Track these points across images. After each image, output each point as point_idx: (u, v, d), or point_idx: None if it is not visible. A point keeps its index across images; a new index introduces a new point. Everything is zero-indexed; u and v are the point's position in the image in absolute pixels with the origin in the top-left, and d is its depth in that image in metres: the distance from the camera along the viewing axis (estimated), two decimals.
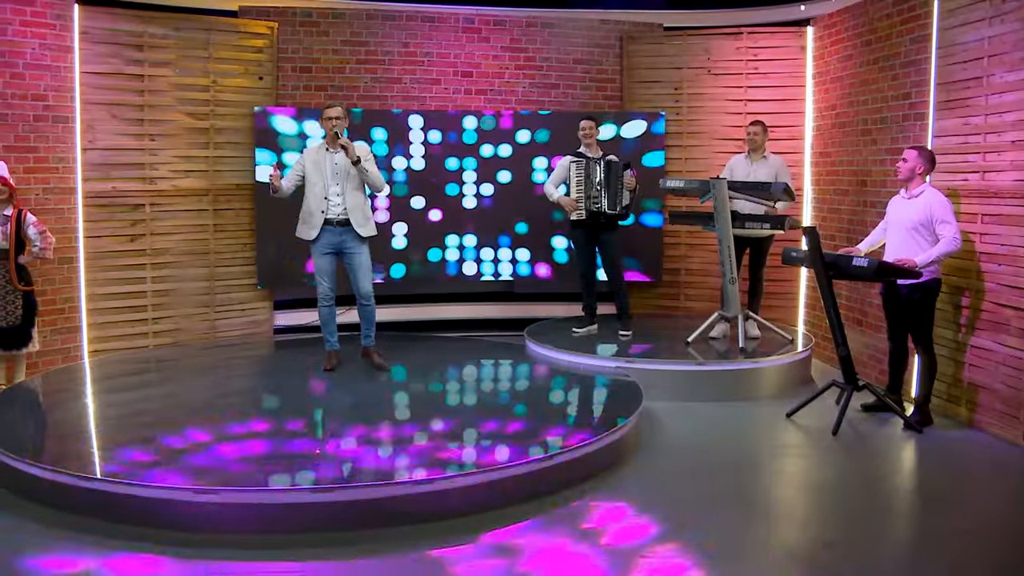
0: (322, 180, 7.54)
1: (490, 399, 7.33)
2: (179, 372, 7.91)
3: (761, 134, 8.78)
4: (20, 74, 8.11)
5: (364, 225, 7.61)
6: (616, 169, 8.58)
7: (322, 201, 7.52)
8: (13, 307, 7.60)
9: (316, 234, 7.54)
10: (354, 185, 7.55)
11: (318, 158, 7.58)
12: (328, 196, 7.52)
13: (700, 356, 8.17)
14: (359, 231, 7.57)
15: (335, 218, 7.53)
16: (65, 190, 8.49)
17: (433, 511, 5.17)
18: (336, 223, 7.53)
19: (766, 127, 8.85)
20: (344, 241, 7.57)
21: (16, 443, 5.81)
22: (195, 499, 5.00)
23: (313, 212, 7.55)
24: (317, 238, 7.56)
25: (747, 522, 5.25)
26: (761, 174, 8.65)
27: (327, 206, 7.52)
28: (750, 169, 8.75)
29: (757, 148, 8.78)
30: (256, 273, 9.59)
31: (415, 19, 10.07)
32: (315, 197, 7.54)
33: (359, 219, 7.56)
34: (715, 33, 10.22)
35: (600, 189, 8.60)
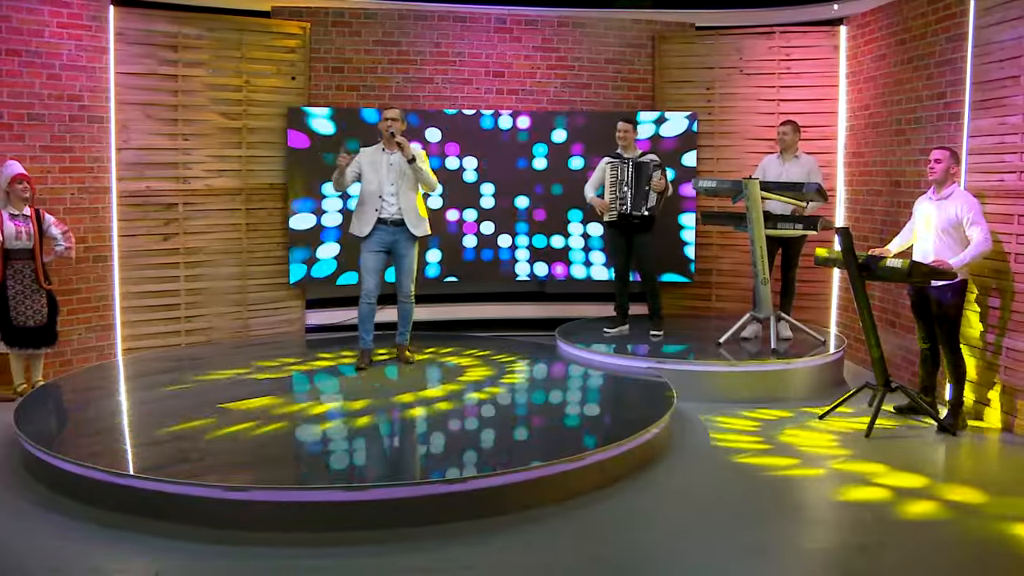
0: (377, 179, 7.71)
1: (520, 399, 7.32)
2: (211, 370, 7.95)
3: (792, 134, 8.74)
4: (57, 75, 8.19)
5: (418, 225, 7.80)
6: (645, 171, 8.54)
7: (377, 200, 7.69)
8: (40, 306, 7.71)
9: (368, 231, 7.70)
10: (409, 185, 7.72)
11: (375, 158, 7.75)
12: (383, 195, 7.69)
13: (732, 357, 8.14)
14: (413, 231, 7.74)
15: (389, 217, 7.71)
16: (100, 189, 8.56)
17: (462, 511, 5.17)
18: (390, 223, 7.71)
19: (797, 127, 8.81)
20: (397, 241, 7.75)
21: (51, 439, 5.88)
22: (226, 496, 5.03)
23: (367, 210, 7.73)
24: (369, 235, 7.71)
25: (779, 524, 5.23)
26: (793, 174, 8.61)
27: (381, 205, 7.69)
28: (782, 169, 8.71)
29: (788, 148, 8.74)
30: (288, 272, 9.62)
31: (447, 19, 10.08)
32: (370, 196, 7.71)
33: (413, 219, 7.74)
34: (747, 33, 10.17)
35: (627, 190, 8.58)
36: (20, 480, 5.79)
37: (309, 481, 5.25)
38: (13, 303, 7.61)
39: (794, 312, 8.99)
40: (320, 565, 4.65)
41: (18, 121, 8.00)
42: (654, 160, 8.60)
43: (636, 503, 5.52)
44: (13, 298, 7.61)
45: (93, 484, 5.33)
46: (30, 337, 7.71)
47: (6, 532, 5.07)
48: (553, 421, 6.60)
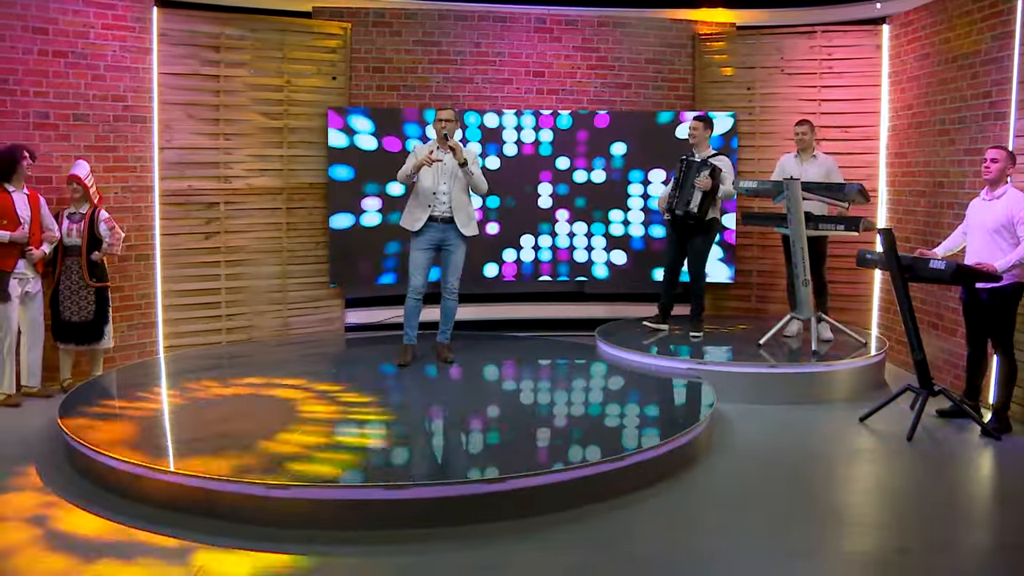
0: (432, 177, 7.77)
1: (559, 399, 7.31)
2: (252, 368, 8.00)
3: (810, 133, 8.72)
4: (101, 75, 8.28)
5: (467, 225, 7.87)
6: (693, 170, 8.51)
7: (430, 197, 7.77)
8: (86, 303, 7.81)
9: (420, 227, 7.78)
10: (460, 186, 7.81)
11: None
12: (436, 193, 7.75)
13: (772, 358, 8.09)
14: (463, 230, 7.80)
15: (440, 215, 7.78)
16: (143, 188, 8.65)
17: (502, 511, 5.17)
18: (440, 220, 7.78)
19: (814, 126, 8.77)
20: (446, 238, 7.83)
21: (94, 434, 5.94)
22: (268, 493, 5.06)
23: (419, 207, 7.82)
24: (420, 232, 7.79)
25: (820, 526, 5.19)
26: (812, 174, 8.56)
27: (434, 202, 7.77)
28: (800, 169, 8.65)
29: (806, 148, 8.70)
30: (328, 271, 9.67)
31: (487, 19, 10.09)
32: (423, 192, 7.80)
33: (463, 219, 7.82)
34: (788, 32, 10.11)
35: (676, 189, 8.56)
36: (64, 474, 5.86)
37: (350, 480, 5.26)
38: (62, 298, 7.74)
39: (835, 314, 8.92)
40: (359, 563, 4.67)
41: (64, 121, 8.09)
42: (707, 160, 8.52)
43: (676, 504, 5.50)
44: (62, 293, 7.74)
45: (135, 480, 5.39)
46: (76, 333, 7.82)
47: (47, 527, 5.12)
48: (593, 421, 6.59)
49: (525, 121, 9.90)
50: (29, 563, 4.64)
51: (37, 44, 7.91)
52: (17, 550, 4.78)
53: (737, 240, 10.14)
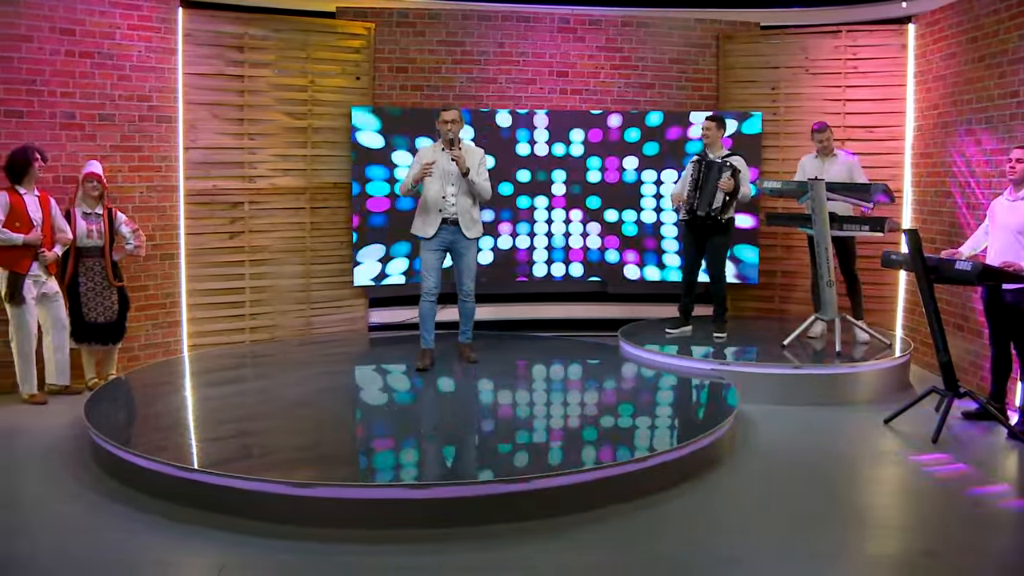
0: (439, 180, 7.64)
1: (583, 400, 7.30)
2: (275, 367, 8.03)
3: (831, 138, 8.71)
4: (127, 76, 8.33)
5: (471, 227, 7.76)
6: (715, 171, 8.49)
7: (440, 200, 7.66)
8: (110, 303, 7.87)
9: (433, 232, 7.68)
10: (465, 189, 7.68)
11: (435, 157, 7.64)
12: (445, 196, 7.65)
13: (796, 359, 8.06)
14: (466, 232, 7.70)
15: (450, 217, 7.67)
16: (168, 188, 8.69)
17: (525, 511, 5.17)
18: (451, 222, 7.68)
19: (830, 128, 8.74)
20: (456, 240, 7.73)
21: (119, 433, 6.00)
22: (291, 492, 5.08)
23: (431, 211, 7.69)
24: (432, 236, 7.69)
25: (843, 528, 5.17)
26: (834, 173, 8.51)
27: (444, 205, 7.66)
28: (822, 169, 8.61)
29: (828, 151, 8.67)
30: (352, 271, 9.69)
31: (510, 19, 10.10)
32: (433, 196, 7.67)
33: (467, 221, 7.71)
34: (813, 32, 10.06)
35: (697, 190, 8.54)
36: (90, 472, 5.90)
37: (372, 478, 5.28)
38: (85, 300, 7.79)
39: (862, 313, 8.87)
40: (383, 562, 4.68)
41: (90, 121, 8.14)
42: (727, 161, 8.50)
43: (700, 504, 5.49)
44: (85, 295, 7.79)
45: (160, 478, 5.42)
46: (99, 333, 7.88)
47: (75, 523, 5.17)
48: (616, 422, 6.57)
49: (547, 120, 9.90)
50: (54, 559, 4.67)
51: (64, 45, 7.96)
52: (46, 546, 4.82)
53: (760, 241, 10.10)
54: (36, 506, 5.44)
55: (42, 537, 4.97)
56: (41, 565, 4.63)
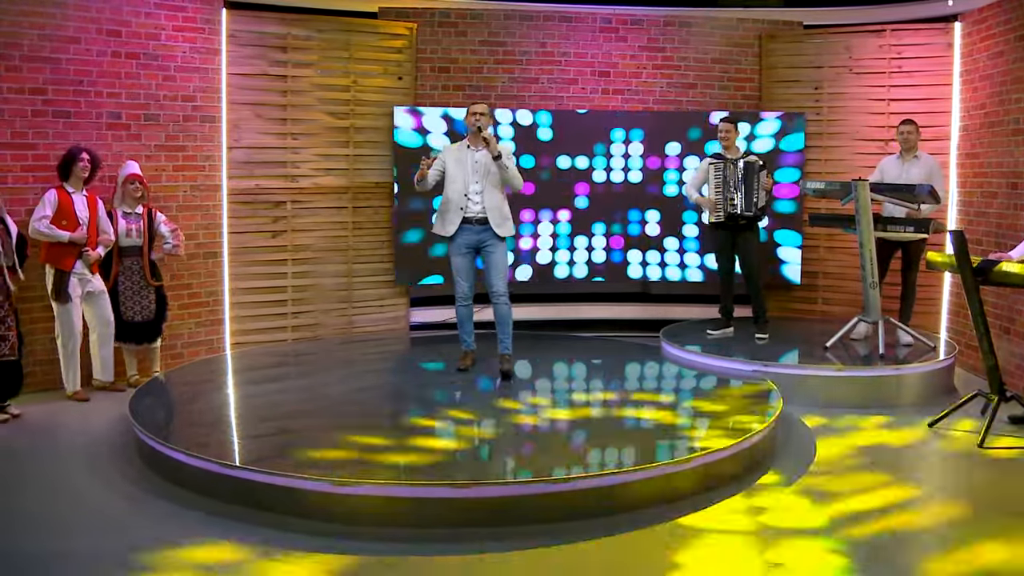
0: (463, 177, 7.41)
1: (624, 401, 7.28)
2: (317, 366, 8.06)
3: (915, 133, 8.54)
4: (171, 76, 8.41)
5: (502, 225, 7.48)
6: (753, 170, 8.45)
7: (462, 198, 7.40)
8: (147, 302, 7.95)
9: (453, 231, 7.44)
10: (493, 183, 7.41)
11: (459, 155, 7.47)
12: (468, 193, 7.40)
13: (839, 361, 7.99)
14: (497, 230, 7.44)
15: (474, 216, 7.41)
16: (211, 187, 8.77)
17: (565, 511, 5.16)
18: (475, 221, 7.42)
19: (918, 126, 8.60)
20: (483, 239, 7.45)
21: (162, 429, 6.07)
22: (333, 490, 5.10)
23: (452, 209, 7.44)
24: (455, 237, 7.46)
25: (886, 533, 5.12)
26: (914, 175, 8.41)
27: (467, 203, 7.40)
28: (902, 170, 8.51)
29: (911, 148, 8.54)
30: (393, 270, 9.72)
31: (552, 19, 10.09)
32: (455, 193, 7.42)
33: (497, 219, 7.43)
34: (857, 31, 9.98)
35: (736, 190, 8.49)
36: (134, 468, 5.97)
37: (412, 477, 5.29)
38: (123, 298, 7.87)
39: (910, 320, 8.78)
40: (423, 561, 4.69)
41: (135, 121, 8.23)
42: (758, 161, 8.49)
43: (741, 507, 5.45)
44: (123, 294, 7.88)
45: (202, 474, 5.46)
46: (136, 332, 7.96)
47: (119, 518, 5.22)
48: (658, 423, 6.55)
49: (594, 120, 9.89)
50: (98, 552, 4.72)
51: (111, 46, 8.05)
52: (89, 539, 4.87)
53: (804, 241, 10.03)
54: (81, 500, 5.50)
55: (85, 531, 5.03)
56: (84, 558, 4.68)
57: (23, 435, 6.74)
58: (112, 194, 7.98)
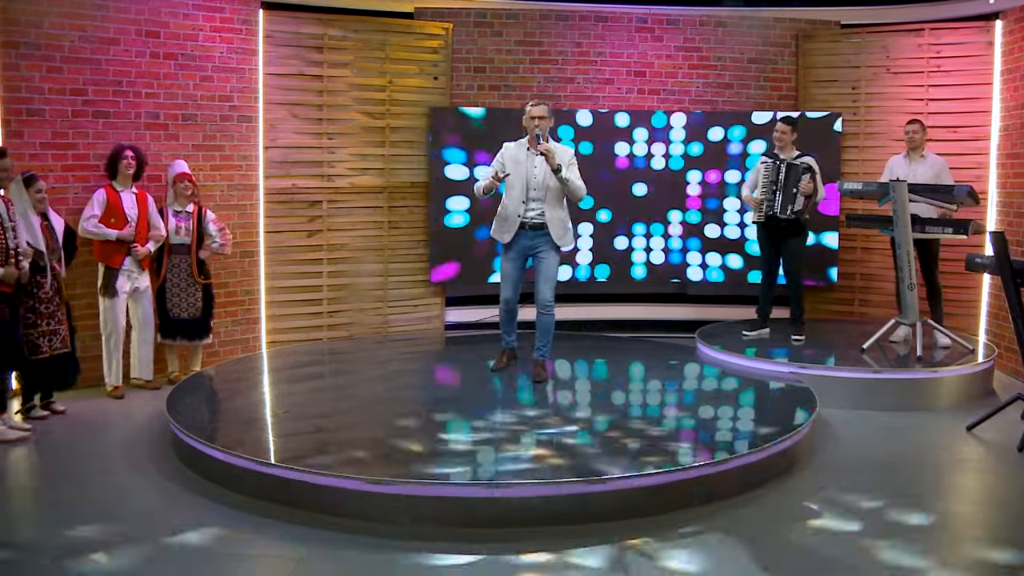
0: (522, 183, 7.12)
1: (660, 401, 7.26)
2: (352, 365, 8.09)
3: (921, 132, 8.53)
4: (209, 76, 8.48)
5: (563, 236, 7.23)
6: (794, 173, 8.38)
7: (520, 205, 7.14)
8: (194, 299, 8.03)
9: (511, 238, 7.21)
10: (555, 194, 7.14)
11: (519, 156, 7.16)
12: (526, 201, 7.13)
13: (876, 363, 7.93)
14: (558, 241, 7.19)
15: (530, 222, 7.15)
16: (248, 187, 8.83)
17: (600, 512, 5.16)
18: (531, 227, 7.16)
19: (924, 125, 8.57)
20: (537, 245, 7.20)
21: (199, 426, 6.13)
22: (367, 488, 5.12)
23: (510, 215, 7.18)
24: (511, 242, 7.26)
25: (924, 538, 5.07)
26: (921, 174, 8.37)
27: (524, 211, 7.14)
28: (909, 170, 8.46)
29: (916, 147, 8.50)
30: (429, 270, 9.76)
31: (588, 19, 10.08)
32: (513, 200, 7.16)
33: (558, 231, 7.19)
34: (895, 30, 9.90)
35: (775, 191, 8.44)
36: (171, 464, 6.03)
37: (447, 477, 5.29)
38: (170, 295, 7.96)
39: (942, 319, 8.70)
40: (458, 560, 4.70)
41: (173, 121, 8.31)
42: (805, 162, 8.41)
43: (777, 510, 5.42)
44: (170, 291, 7.96)
45: (238, 471, 5.51)
46: (184, 329, 8.04)
47: (155, 513, 5.27)
48: (693, 424, 6.53)
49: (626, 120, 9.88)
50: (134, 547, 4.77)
51: (149, 47, 8.13)
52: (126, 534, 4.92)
53: (840, 242, 9.97)
54: (118, 495, 5.55)
55: (122, 526, 5.06)
56: (121, 553, 4.73)
57: (67, 430, 6.84)
58: (164, 192, 8.10)
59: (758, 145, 9.78)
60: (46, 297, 6.97)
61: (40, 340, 6.95)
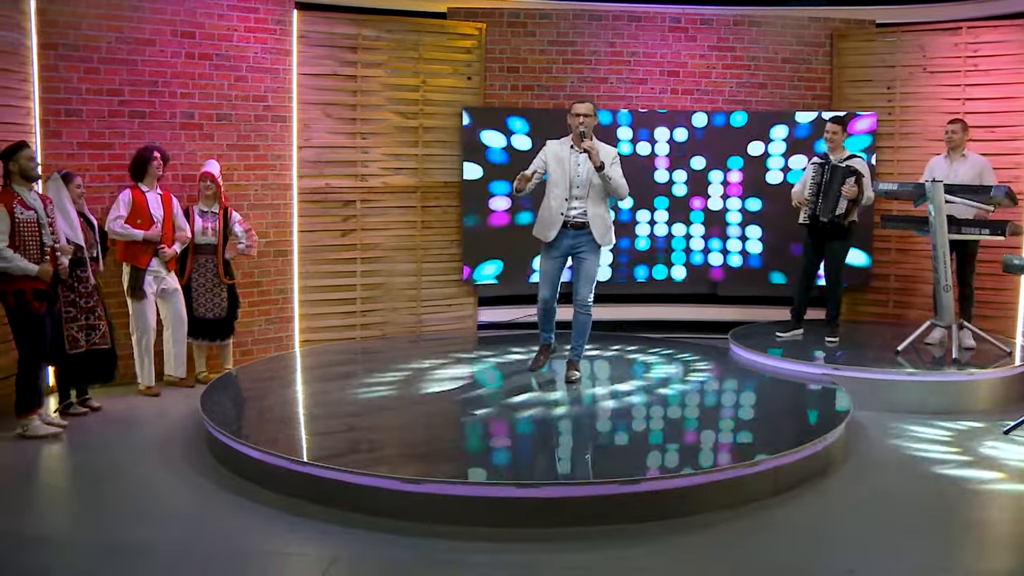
0: (565, 180, 7.09)
1: (692, 402, 7.23)
2: (386, 364, 8.11)
3: (961, 132, 8.43)
4: (243, 76, 8.53)
5: (605, 235, 7.18)
6: (838, 176, 8.31)
7: (563, 203, 7.10)
8: (219, 299, 8.09)
9: (554, 236, 7.15)
10: (598, 193, 7.10)
11: (562, 154, 7.13)
12: (568, 199, 7.09)
13: (910, 366, 7.86)
14: (599, 240, 7.15)
15: (572, 221, 7.10)
16: (282, 186, 8.87)
17: (632, 513, 5.15)
18: (572, 226, 7.11)
19: (966, 125, 8.49)
20: (578, 244, 7.15)
21: (232, 424, 6.19)
22: (402, 488, 5.14)
23: (553, 213, 7.13)
24: (553, 241, 7.21)
25: (955, 545, 5.02)
26: (962, 174, 8.29)
27: (566, 208, 7.10)
28: (950, 170, 8.38)
29: (957, 147, 8.41)
30: (462, 269, 9.78)
31: (621, 19, 10.06)
32: (556, 198, 7.12)
33: (600, 229, 7.13)
34: (931, 29, 9.81)
35: (819, 194, 8.37)
36: (206, 462, 6.08)
37: (481, 476, 5.30)
38: (196, 295, 8.01)
39: (978, 321, 8.61)
40: (492, 560, 4.70)
41: (208, 121, 8.36)
42: (852, 166, 8.33)
43: (808, 512, 5.40)
44: (196, 290, 8.02)
45: (272, 469, 5.54)
46: (208, 329, 8.10)
47: (190, 511, 5.33)
48: (726, 425, 6.51)
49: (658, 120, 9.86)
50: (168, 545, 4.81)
51: (185, 48, 8.19)
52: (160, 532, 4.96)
53: (875, 243, 9.90)
54: (153, 493, 5.61)
55: (156, 523, 5.12)
56: (155, 550, 4.78)
57: (101, 427, 6.92)
58: (196, 192, 8.17)
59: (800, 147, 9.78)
60: (86, 292, 7.06)
61: (79, 334, 7.05)
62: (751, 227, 10.02)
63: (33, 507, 5.53)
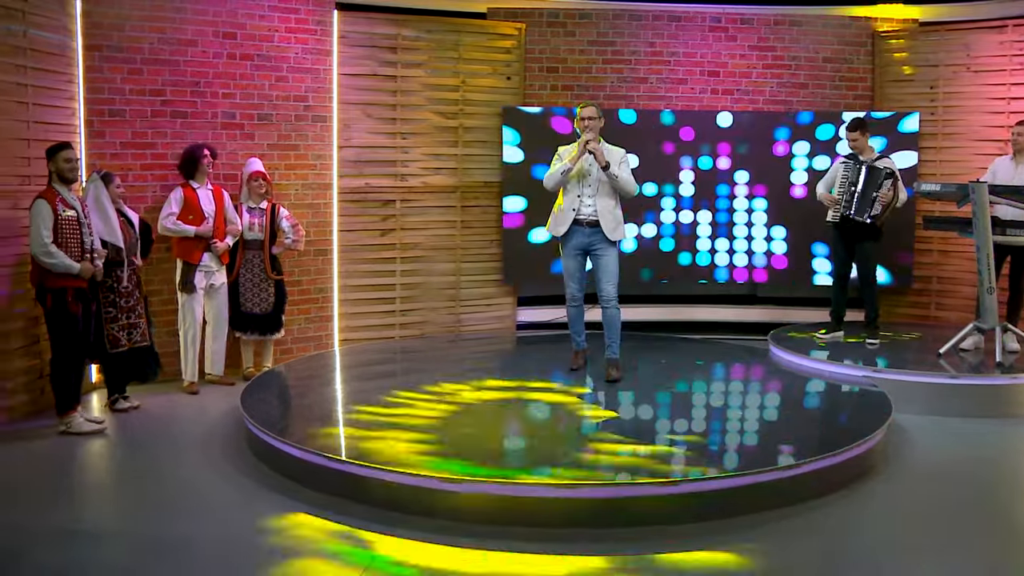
0: (576, 182, 7.40)
1: (732, 404, 7.20)
2: (426, 363, 8.13)
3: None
4: (284, 77, 8.58)
5: (615, 230, 7.41)
6: (876, 177, 8.24)
7: (575, 200, 7.39)
8: (267, 295, 8.14)
9: (564, 231, 7.42)
10: (606, 190, 7.36)
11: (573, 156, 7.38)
12: (581, 195, 7.38)
13: (953, 368, 7.78)
14: (609, 235, 7.37)
15: (585, 218, 7.38)
16: (322, 185, 8.92)
17: (672, 514, 5.14)
18: (586, 223, 7.38)
19: None
20: (593, 242, 7.40)
21: (272, 422, 6.22)
22: (441, 487, 5.15)
23: (565, 210, 7.42)
24: (567, 238, 7.45)
25: (1000, 549, 4.97)
26: None
27: (579, 205, 7.38)
28: (1015, 172, 8.26)
29: (1022, 149, 8.28)
30: (501, 269, 9.79)
31: (661, 19, 10.04)
32: (568, 196, 7.42)
33: (609, 223, 7.36)
34: (976, 27, 9.70)
35: (854, 193, 8.31)
36: (246, 459, 6.13)
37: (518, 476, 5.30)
38: (243, 290, 8.08)
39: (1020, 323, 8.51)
40: (528, 560, 4.70)
41: (249, 121, 8.43)
42: (888, 168, 8.27)
43: (851, 515, 5.35)
44: (243, 285, 8.08)
45: (311, 467, 5.57)
46: (256, 323, 8.16)
47: (230, 508, 5.37)
48: (766, 427, 6.48)
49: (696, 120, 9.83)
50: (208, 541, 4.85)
51: (226, 48, 8.26)
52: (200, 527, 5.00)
53: (916, 244, 9.81)
54: (196, 491, 5.65)
55: (197, 519, 5.17)
56: (195, 546, 4.82)
57: (142, 424, 6.98)
58: (238, 190, 8.26)
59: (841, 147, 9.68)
60: (125, 291, 7.13)
61: (120, 333, 7.12)
62: (776, 227, 9.97)
63: (75, 502, 5.59)
